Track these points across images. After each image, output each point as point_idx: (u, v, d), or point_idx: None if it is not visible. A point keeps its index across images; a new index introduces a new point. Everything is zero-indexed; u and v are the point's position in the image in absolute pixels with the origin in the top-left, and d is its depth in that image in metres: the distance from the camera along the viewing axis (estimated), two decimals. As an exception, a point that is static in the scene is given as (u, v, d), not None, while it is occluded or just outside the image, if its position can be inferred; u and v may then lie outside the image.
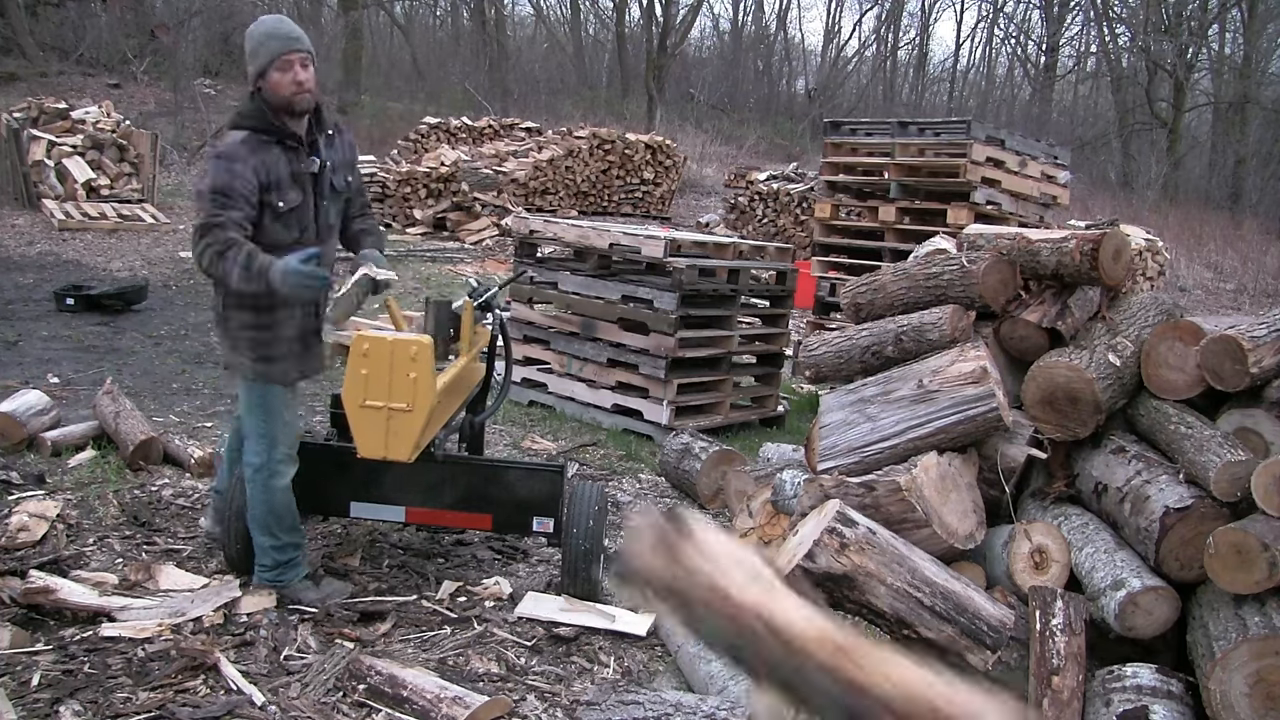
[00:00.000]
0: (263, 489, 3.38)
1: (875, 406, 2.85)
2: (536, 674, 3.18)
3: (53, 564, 3.51)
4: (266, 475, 3.37)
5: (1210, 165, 30.91)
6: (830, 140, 7.68)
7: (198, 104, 17.54)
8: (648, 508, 4.88)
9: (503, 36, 29.22)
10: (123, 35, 20.13)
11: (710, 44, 36.83)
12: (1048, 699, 2.29)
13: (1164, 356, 2.75)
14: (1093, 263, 2.88)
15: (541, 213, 14.14)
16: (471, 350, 3.81)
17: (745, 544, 3.19)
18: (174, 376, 6.46)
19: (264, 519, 3.40)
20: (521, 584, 3.83)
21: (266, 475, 3.37)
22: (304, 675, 3.00)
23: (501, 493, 3.68)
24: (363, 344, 3.09)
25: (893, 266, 3.41)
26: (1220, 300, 16.60)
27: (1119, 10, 33.04)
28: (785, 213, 15.63)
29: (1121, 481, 2.61)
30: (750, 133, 26.06)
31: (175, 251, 10.72)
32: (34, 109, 12.70)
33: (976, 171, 6.77)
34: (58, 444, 4.69)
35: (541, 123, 19.50)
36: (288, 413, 3.39)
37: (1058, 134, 25.59)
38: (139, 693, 2.81)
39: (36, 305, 8.03)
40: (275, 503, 3.39)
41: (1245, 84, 29.72)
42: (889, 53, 36.51)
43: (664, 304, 5.84)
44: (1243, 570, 2.22)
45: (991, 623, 2.35)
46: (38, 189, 11.70)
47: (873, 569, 2.31)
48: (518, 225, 6.98)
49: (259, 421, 3.36)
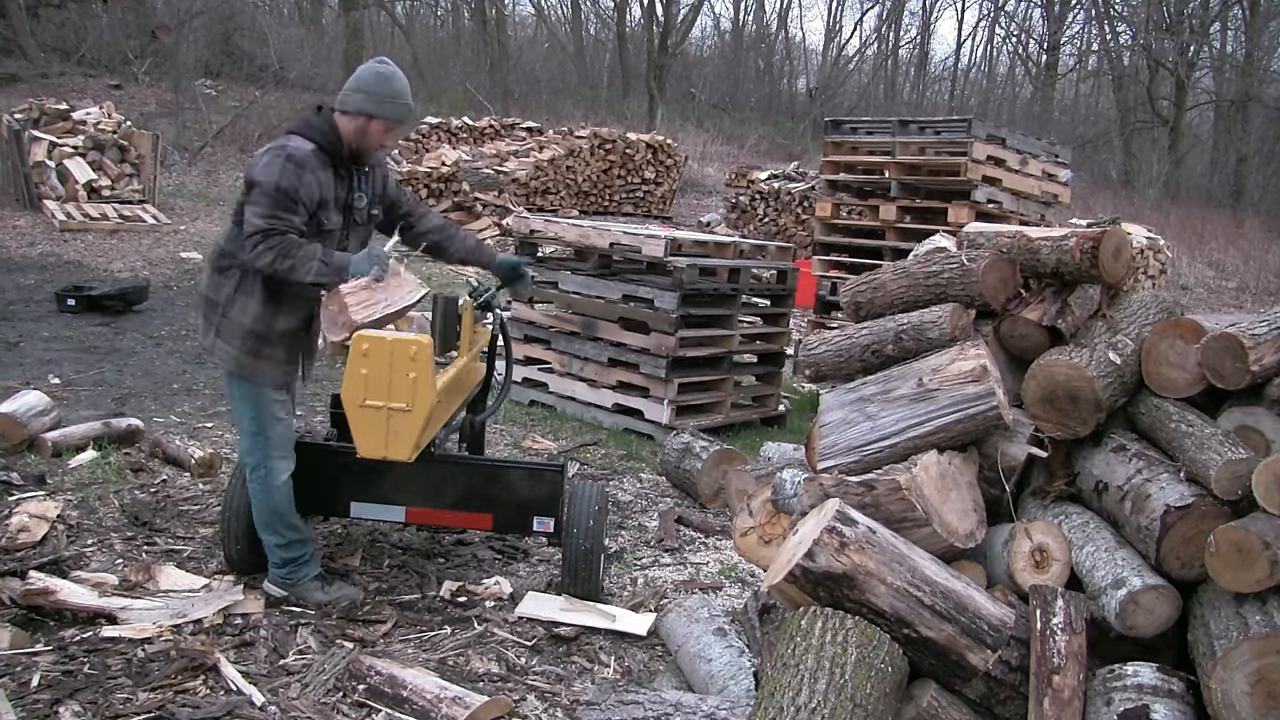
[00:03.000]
0: (261, 487, 3.39)
1: (875, 405, 2.84)
2: (536, 674, 3.18)
3: (53, 565, 3.51)
4: (264, 473, 3.37)
5: (1212, 163, 30.88)
6: (831, 139, 7.68)
7: (199, 105, 17.53)
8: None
9: (503, 36, 29.19)
10: (124, 36, 20.13)
11: (711, 43, 36.86)
12: (1048, 698, 2.28)
13: (1165, 354, 2.74)
14: (1093, 261, 2.87)
15: (542, 212, 14.14)
16: (471, 350, 3.81)
17: (745, 543, 3.19)
18: (175, 377, 6.47)
19: (267, 517, 3.41)
20: (522, 584, 3.83)
21: (264, 473, 3.37)
22: (304, 675, 3.00)
23: (502, 492, 3.67)
24: (362, 343, 3.08)
25: (893, 265, 3.41)
26: (1222, 298, 16.58)
27: (1120, 8, 33.02)
28: (786, 212, 15.62)
29: (1122, 480, 2.60)
30: (751, 132, 26.05)
31: (176, 252, 10.72)
32: (35, 110, 12.71)
33: (977, 170, 6.76)
34: (58, 445, 4.69)
35: (542, 122, 19.49)
36: (280, 409, 3.38)
37: (1059, 132, 25.58)
38: (139, 693, 2.80)
39: (37, 306, 8.03)
40: (275, 500, 3.39)
41: (1247, 82, 29.69)
42: (890, 52, 36.49)
43: (665, 303, 5.83)
44: (1244, 569, 2.21)
45: (992, 621, 2.34)
46: (39, 190, 11.70)
47: (873, 568, 2.31)
48: (518, 225, 6.98)
49: (250, 419, 3.36)
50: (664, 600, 3.75)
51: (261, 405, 3.35)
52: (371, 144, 3.36)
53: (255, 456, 3.38)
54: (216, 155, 16.26)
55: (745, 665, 3.00)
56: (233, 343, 3.29)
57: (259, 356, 3.29)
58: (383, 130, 3.35)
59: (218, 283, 3.33)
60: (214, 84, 19.67)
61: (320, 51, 21.54)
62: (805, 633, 2.26)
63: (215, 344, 3.32)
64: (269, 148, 3.23)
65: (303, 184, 3.17)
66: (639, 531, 4.58)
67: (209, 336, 3.35)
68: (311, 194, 3.21)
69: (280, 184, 3.12)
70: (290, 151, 3.18)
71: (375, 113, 3.31)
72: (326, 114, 3.35)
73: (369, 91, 3.32)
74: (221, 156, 16.28)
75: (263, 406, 3.35)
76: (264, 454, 3.37)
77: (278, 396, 3.38)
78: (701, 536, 4.60)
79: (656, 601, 3.75)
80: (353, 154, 3.35)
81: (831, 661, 2.18)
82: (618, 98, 28.20)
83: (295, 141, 3.23)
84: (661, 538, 4.50)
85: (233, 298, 3.29)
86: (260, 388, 3.33)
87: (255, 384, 3.33)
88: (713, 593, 3.94)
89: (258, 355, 3.28)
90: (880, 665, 2.22)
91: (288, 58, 20.05)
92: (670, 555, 4.33)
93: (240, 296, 3.28)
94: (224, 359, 3.32)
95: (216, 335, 3.31)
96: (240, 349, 3.29)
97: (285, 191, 3.13)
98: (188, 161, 15.61)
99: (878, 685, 2.19)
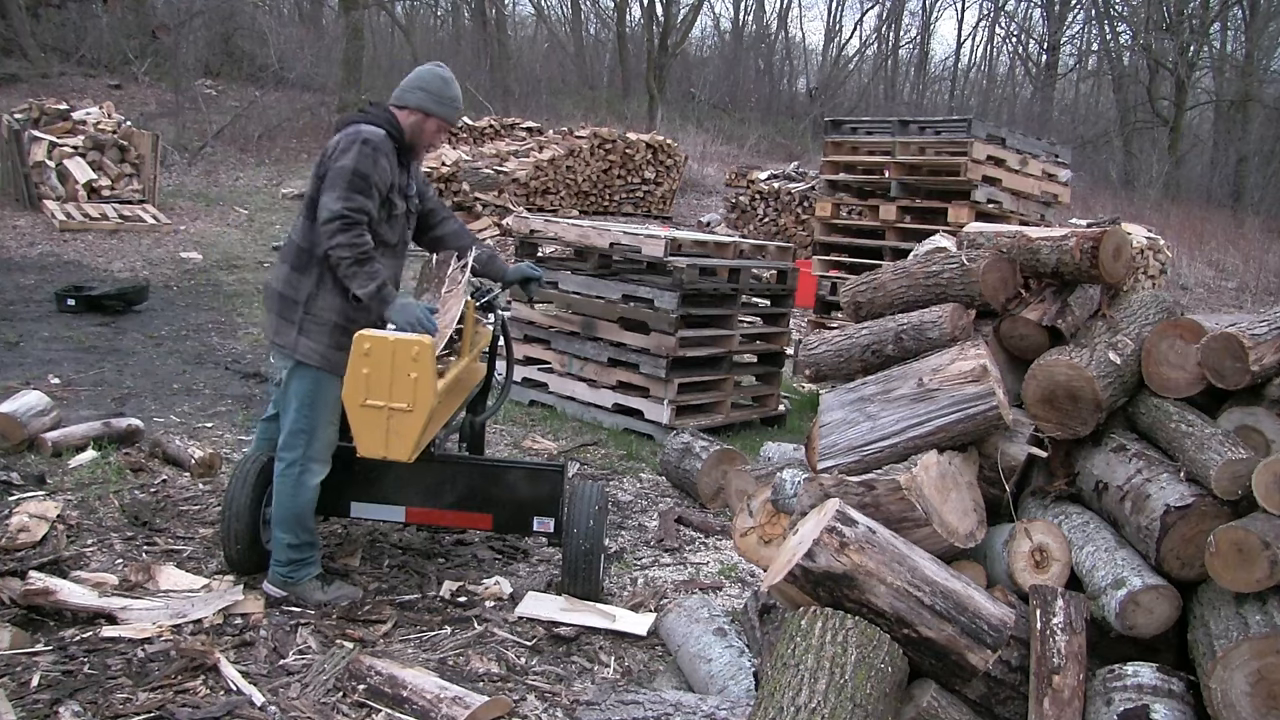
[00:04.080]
0: (293, 485, 3.39)
1: (875, 405, 2.84)
2: (536, 674, 3.18)
3: (53, 565, 3.51)
4: (299, 471, 3.39)
5: (1212, 163, 30.87)
6: (831, 139, 7.68)
7: (199, 105, 17.54)
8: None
9: (503, 36, 29.20)
10: (124, 36, 20.13)
11: (711, 43, 36.86)
12: (1048, 698, 2.28)
13: (1165, 354, 2.74)
14: (1093, 261, 2.87)
15: (542, 212, 14.14)
16: (472, 350, 3.81)
17: (745, 543, 3.19)
18: (175, 377, 6.47)
19: (288, 517, 3.41)
20: (522, 584, 3.83)
21: (299, 471, 3.39)
22: (304, 675, 3.00)
23: (502, 492, 3.67)
24: (364, 343, 3.09)
25: (893, 265, 3.41)
26: (1222, 298, 16.57)
27: (1120, 8, 33.03)
28: (786, 212, 15.62)
29: (1122, 480, 2.60)
30: (751, 132, 26.05)
31: (176, 252, 10.73)
32: (35, 110, 12.71)
33: (977, 170, 6.76)
34: (58, 445, 4.69)
35: (542, 122, 19.49)
36: (331, 414, 3.41)
37: (1059, 132, 25.59)
38: (139, 693, 2.80)
39: (37, 306, 8.03)
40: (302, 501, 3.41)
41: (1247, 82, 29.70)
42: (890, 52, 36.49)
43: (665, 303, 5.83)
44: (1244, 568, 2.21)
45: (992, 621, 2.34)
46: (39, 190, 11.70)
47: (872, 568, 2.31)
48: (518, 225, 6.98)
49: (303, 417, 3.38)
50: (664, 600, 3.75)
51: (320, 406, 3.38)
52: (424, 140, 3.50)
53: (296, 453, 3.39)
54: (216, 155, 16.26)
55: (745, 665, 3.00)
56: (320, 339, 3.34)
57: (343, 349, 3.31)
58: (435, 129, 3.49)
59: (296, 280, 3.37)
60: (214, 84, 19.67)
61: (320, 51, 21.53)
62: (805, 633, 2.26)
63: (299, 341, 3.34)
64: (345, 133, 3.30)
65: (377, 168, 3.26)
66: (639, 531, 4.58)
67: (289, 334, 3.36)
68: (385, 178, 3.31)
69: (358, 167, 3.21)
70: (366, 136, 3.27)
71: (434, 111, 3.45)
72: (383, 107, 3.46)
73: (430, 91, 3.46)
74: (221, 156, 16.28)
75: (321, 407, 3.38)
76: (305, 452, 3.39)
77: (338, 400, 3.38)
78: (701, 536, 4.60)
79: (656, 601, 3.75)
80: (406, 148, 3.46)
81: (831, 661, 2.18)
82: (618, 98, 28.20)
83: (369, 128, 3.31)
84: (661, 538, 4.50)
85: (315, 293, 3.34)
86: (324, 389, 3.35)
87: (331, 377, 3.33)
88: (713, 593, 3.94)
89: (342, 348, 3.30)
90: (880, 665, 2.22)
91: (288, 58, 20.04)
92: (670, 555, 4.33)
93: (323, 293, 3.34)
94: (308, 355, 3.34)
95: (300, 333, 3.34)
96: (328, 343, 3.33)
97: (362, 175, 3.22)
98: (188, 161, 15.61)
99: (878, 685, 2.19)
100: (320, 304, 3.34)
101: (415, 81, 3.48)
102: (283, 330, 3.38)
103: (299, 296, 3.36)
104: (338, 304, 3.34)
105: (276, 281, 3.44)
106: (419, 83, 3.47)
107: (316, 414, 3.38)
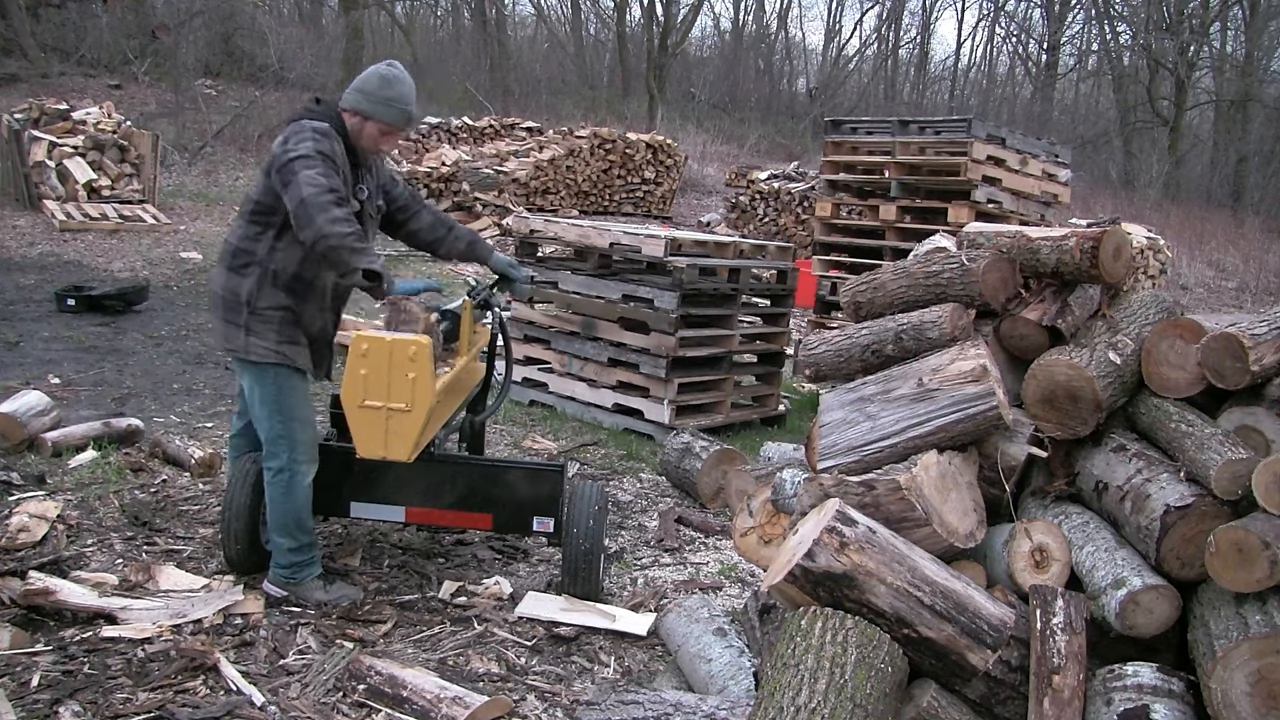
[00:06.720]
0: (284, 490, 3.36)
1: (875, 405, 2.84)
2: (536, 674, 3.18)
3: (53, 565, 3.51)
4: (288, 477, 3.36)
5: (1212, 163, 30.87)
6: (831, 139, 7.67)
7: (199, 105, 17.52)
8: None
9: (503, 36, 29.21)
10: (123, 36, 20.11)
11: (711, 43, 36.86)
12: (1048, 698, 2.28)
13: (1165, 354, 2.74)
14: (1093, 260, 2.87)
15: (542, 212, 14.14)
16: (471, 350, 3.81)
17: (745, 543, 3.19)
18: (175, 377, 6.47)
19: (284, 521, 3.40)
20: (522, 584, 3.83)
21: (288, 477, 3.36)
22: (304, 675, 3.00)
23: (502, 492, 3.67)
24: (362, 344, 3.08)
25: (893, 265, 3.40)
26: (1222, 298, 16.58)
27: (1120, 8, 33.03)
28: (786, 212, 15.63)
29: (1122, 480, 2.60)
30: (751, 132, 26.06)
31: (176, 252, 10.72)
32: (35, 110, 12.70)
33: (977, 170, 6.76)
34: (58, 445, 4.70)
35: (542, 122, 19.49)
36: (304, 411, 3.38)
37: (1059, 132, 25.59)
38: (139, 693, 2.80)
39: (37, 306, 8.03)
40: (297, 504, 3.38)
41: (1247, 82, 29.71)
42: (890, 52, 36.48)
43: (665, 303, 5.83)
44: (1243, 568, 2.21)
45: (992, 621, 2.34)
46: (39, 190, 11.70)
47: (872, 568, 2.31)
48: (518, 225, 6.98)
49: (277, 421, 3.33)
50: (664, 600, 3.75)
51: (288, 403, 3.33)
52: (366, 144, 3.35)
53: (280, 459, 3.35)
54: (216, 155, 16.25)
55: (745, 665, 3.00)
56: (268, 336, 3.28)
57: (296, 342, 3.29)
58: (377, 132, 3.33)
59: (236, 283, 3.31)
60: (214, 84, 19.65)
61: (320, 51, 21.52)
62: (805, 633, 2.26)
63: (249, 342, 3.28)
64: (291, 128, 3.21)
65: (335, 152, 3.19)
66: (639, 531, 4.58)
67: (238, 337, 3.30)
68: (342, 160, 3.23)
69: (319, 148, 3.12)
70: (314, 126, 3.20)
71: (369, 114, 3.31)
72: (329, 104, 3.36)
73: (366, 91, 3.31)
74: (221, 156, 16.27)
75: (290, 404, 3.33)
76: (289, 456, 3.35)
77: (305, 395, 3.36)
78: (701, 536, 4.60)
79: (656, 601, 3.75)
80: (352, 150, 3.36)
81: (831, 661, 2.18)
82: (618, 97, 28.20)
83: (313, 122, 3.23)
84: (661, 538, 4.50)
85: (256, 292, 3.28)
86: (287, 384, 3.31)
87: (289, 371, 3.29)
88: (713, 593, 3.94)
89: (295, 341, 3.28)
90: (880, 665, 2.22)
91: (288, 58, 20.02)
92: (670, 555, 4.33)
93: (264, 290, 3.28)
94: (262, 354, 3.28)
95: (248, 334, 3.28)
96: (278, 338, 3.29)
97: (325, 155, 3.14)
98: (188, 161, 15.60)
99: (878, 685, 2.19)
100: (263, 301, 3.27)
101: (356, 82, 3.35)
102: (231, 334, 3.32)
103: (241, 298, 3.29)
104: (280, 297, 3.27)
105: (217, 286, 3.37)
106: (358, 83, 3.34)
107: (288, 412, 3.33)
